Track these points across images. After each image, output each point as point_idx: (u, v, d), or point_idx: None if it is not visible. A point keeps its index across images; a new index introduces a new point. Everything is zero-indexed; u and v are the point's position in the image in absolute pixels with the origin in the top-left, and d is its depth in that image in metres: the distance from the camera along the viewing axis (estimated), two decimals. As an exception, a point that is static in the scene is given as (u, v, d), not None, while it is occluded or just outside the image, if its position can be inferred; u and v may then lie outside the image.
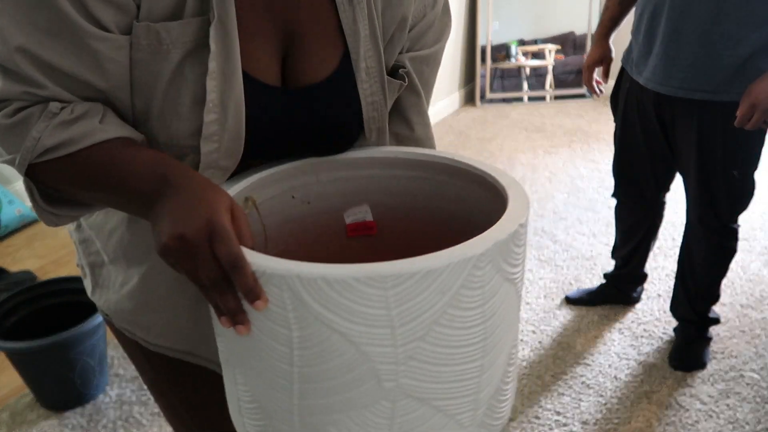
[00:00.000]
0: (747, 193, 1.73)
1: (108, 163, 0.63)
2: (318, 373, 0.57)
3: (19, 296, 1.85)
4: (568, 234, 2.72)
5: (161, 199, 0.59)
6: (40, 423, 1.80)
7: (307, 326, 0.55)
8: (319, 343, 0.56)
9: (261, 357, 0.59)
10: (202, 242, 0.54)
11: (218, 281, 0.55)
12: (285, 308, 0.55)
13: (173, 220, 0.56)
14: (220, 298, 0.56)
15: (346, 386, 0.58)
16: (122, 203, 0.66)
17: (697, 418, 1.77)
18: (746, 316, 2.17)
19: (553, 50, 4.26)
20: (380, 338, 0.55)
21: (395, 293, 0.54)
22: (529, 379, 1.93)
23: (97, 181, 0.64)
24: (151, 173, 0.62)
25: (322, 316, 0.54)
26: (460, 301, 0.57)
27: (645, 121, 1.80)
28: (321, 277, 0.53)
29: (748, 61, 1.54)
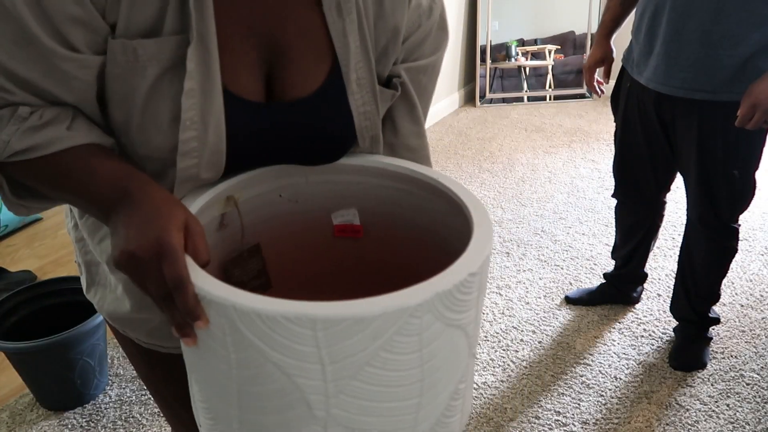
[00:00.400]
0: (747, 192, 1.73)
1: (72, 169, 0.65)
2: (254, 393, 0.59)
3: (19, 296, 1.85)
4: (568, 234, 2.72)
5: (118, 213, 0.61)
6: (40, 423, 1.80)
7: (243, 351, 0.57)
8: (254, 367, 0.58)
9: (207, 368, 0.61)
10: (151, 260, 0.56)
11: (166, 296, 0.57)
12: (224, 332, 0.57)
13: (126, 236, 0.58)
14: (168, 312, 0.58)
15: (281, 409, 0.59)
16: (84, 207, 0.68)
17: (697, 418, 1.77)
18: (746, 316, 2.17)
19: (553, 50, 4.26)
20: (311, 373, 0.57)
21: (325, 335, 0.54)
22: (529, 379, 1.93)
23: (62, 184, 0.66)
24: (111, 186, 0.63)
25: (256, 345, 0.56)
26: (394, 347, 0.57)
27: (645, 120, 1.80)
28: (254, 311, 0.54)
29: (748, 61, 1.54)
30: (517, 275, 2.44)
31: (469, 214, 0.69)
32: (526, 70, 4.32)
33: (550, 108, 4.27)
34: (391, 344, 0.57)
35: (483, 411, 1.81)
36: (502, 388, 1.90)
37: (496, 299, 2.30)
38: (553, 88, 4.35)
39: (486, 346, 2.07)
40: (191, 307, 0.56)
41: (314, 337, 0.55)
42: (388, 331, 0.56)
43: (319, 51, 0.71)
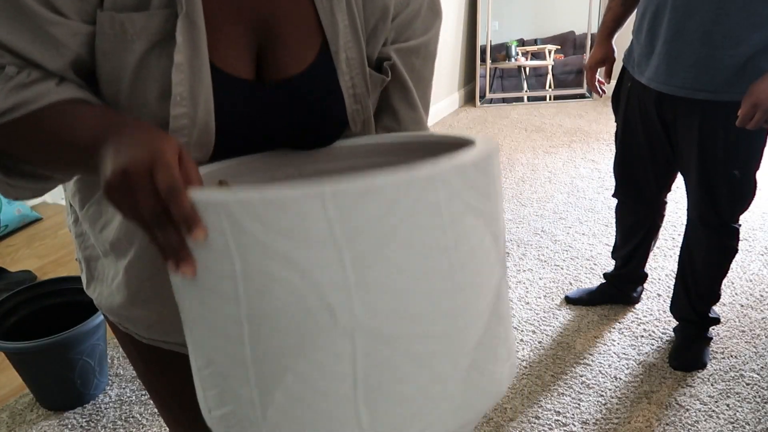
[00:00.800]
0: (748, 192, 1.73)
1: (59, 120, 0.63)
2: (266, 310, 0.52)
3: (19, 296, 1.85)
4: (568, 234, 2.72)
5: (107, 142, 0.57)
6: (40, 423, 1.80)
7: (248, 255, 0.51)
8: (262, 273, 0.51)
9: (209, 302, 0.55)
10: (143, 173, 0.52)
11: (159, 214, 0.53)
12: (225, 237, 0.52)
13: (117, 155, 0.55)
14: (162, 234, 0.53)
15: (297, 324, 0.52)
16: (74, 159, 0.64)
17: (697, 418, 1.77)
18: (746, 316, 2.17)
19: (553, 50, 4.26)
20: (325, 261, 0.50)
21: (336, 208, 0.49)
22: (529, 379, 1.93)
23: (49, 139, 0.63)
24: (99, 123, 0.61)
25: (262, 240, 0.51)
26: (414, 224, 0.51)
27: (646, 120, 1.80)
28: (258, 197, 0.50)
29: (749, 61, 1.54)
30: (517, 275, 2.44)
31: (468, 139, 0.66)
32: (526, 70, 4.32)
33: (550, 108, 4.27)
34: (411, 221, 0.51)
35: (483, 411, 1.81)
36: (502, 388, 1.90)
37: (496, 299, 2.30)
38: (553, 88, 4.35)
39: (486, 346, 2.07)
40: (188, 213, 0.52)
41: (325, 215, 0.50)
42: (402, 204, 0.51)
43: (309, 30, 0.71)
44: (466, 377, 0.57)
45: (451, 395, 0.56)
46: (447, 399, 0.56)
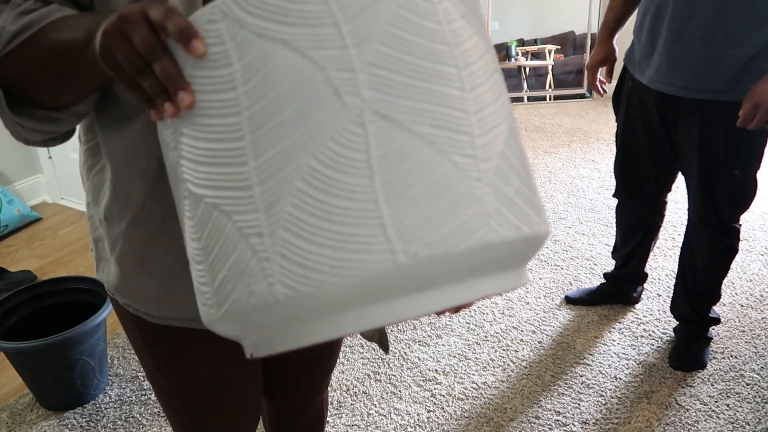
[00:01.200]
0: (749, 192, 1.73)
1: (58, 31, 0.64)
2: (269, 106, 0.50)
3: (19, 296, 1.85)
4: (568, 234, 2.72)
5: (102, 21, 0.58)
6: (40, 423, 1.80)
7: (248, 49, 0.50)
8: (263, 64, 0.49)
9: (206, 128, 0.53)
10: (138, 14, 0.53)
11: (152, 49, 0.53)
12: (223, 41, 0.51)
13: (112, 15, 0.56)
14: (159, 68, 0.53)
15: (303, 113, 0.49)
16: (74, 65, 0.64)
17: (697, 418, 1.77)
18: (746, 316, 2.17)
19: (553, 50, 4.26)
20: (326, 39, 0.48)
21: None
22: (529, 379, 1.93)
23: (52, 54, 0.64)
24: (93, 19, 0.62)
25: (260, 28, 0.49)
26: (410, 5, 0.51)
27: (647, 120, 1.80)
28: None
29: (750, 61, 1.54)
30: (517, 275, 2.44)
31: None
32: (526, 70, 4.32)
33: (550, 108, 4.27)
34: (410, 4, 0.51)
35: (483, 411, 1.81)
36: (502, 388, 1.90)
37: (496, 299, 2.30)
38: (553, 88, 4.35)
39: (486, 346, 2.07)
40: (183, 27, 0.51)
41: None
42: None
43: None
44: (495, 185, 0.52)
45: (480, 198, 0.50)
46: (476, 201, 0.50)
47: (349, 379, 1.94)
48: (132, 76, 0.54)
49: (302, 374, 1.09)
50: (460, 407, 1.83)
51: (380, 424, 1.77)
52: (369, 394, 1.88)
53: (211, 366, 0.90)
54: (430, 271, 0.49)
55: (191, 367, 0.90)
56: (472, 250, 0.50)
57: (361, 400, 1.86)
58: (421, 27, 0.51)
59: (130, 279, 0.82)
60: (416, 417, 1.79)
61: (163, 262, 0.79)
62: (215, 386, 0.93)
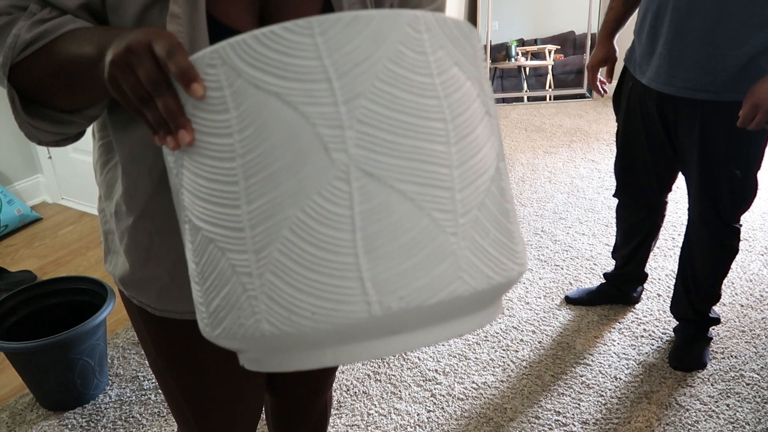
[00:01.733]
0: (749, 192, 1.73)
1: (70, 42, 0.66)
2: (262, 156, 0.52)
3: (19, 296, 1.85)
4: (568, 234, 2.72)
5: (107, 44, 0.60)
6: (40, 423, 1.80)
7: (243, 98, 0.52)
8: (257, 114, 0.52)
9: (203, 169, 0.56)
10: (144, 46, 0.55)
11: (158, 83, 0.55)
12: (221, 87, 0.53)
13: (119, 39, 0.58)
14: (161, 102, 0.55)
15: (293, 166, 0.51)
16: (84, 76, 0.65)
17: (697, 418, 1.77)
18: (746, 316, 2.17)
19: (553, 50, 4.26)
20: (318, 94, 0.51)
21: (324, 40, 0.51)
22: (529, 379, 1.93)
23: (63, 64, 0.66)
24: (104, 33, 0.64)
25: (256, 79, 0.52)
26: (401, 59, 0.53)
27: (647, 120, 1.80)
28: (250, 36, 0.52)
29: (751, 61, 1.54)
30: (517, 275, 2.44)
31: None
32: (526, 70, 4.32)
33: (550, 108, 4.27)
34: (398, 56, 0.53)
35: (483, 411, 1.81)
36: (502, 388, 1.90)
37: (496, 299, 2.30)
38: (553, 88, 4.35)
39: (486, 346, 2.07)
40: (187, 68, 0.54)
41: (315, 45, 0.51)
42: (389, 37, 0.52)
43: None
44: (471, 238, 0.55)
45: (454, 253, 0.54)
46: (450, 255, 0.54)
47: (349, 379, 1.94)
48: (136, 104, 0.57)
49: (306, 371, 1.09)
50: (460, 407, 1.83)
51: (380, 424, 1.77)
52: (369, 394, 1.88)
53: (213, 358, 0.91)
54: (403, 320, 0.53)
55: (192, 359, 0.91)
56: (444, 302, 0.53)
57: (361, 400, 1.86)
58: (411, 82, 0.53)
59: (135, 271, 0.84)
60: (416, 417, 1.79)
61: (167, 257, 0.80)
62: (217, 378, 0.94)
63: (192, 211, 0.57)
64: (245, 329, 0.54)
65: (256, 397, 1.01)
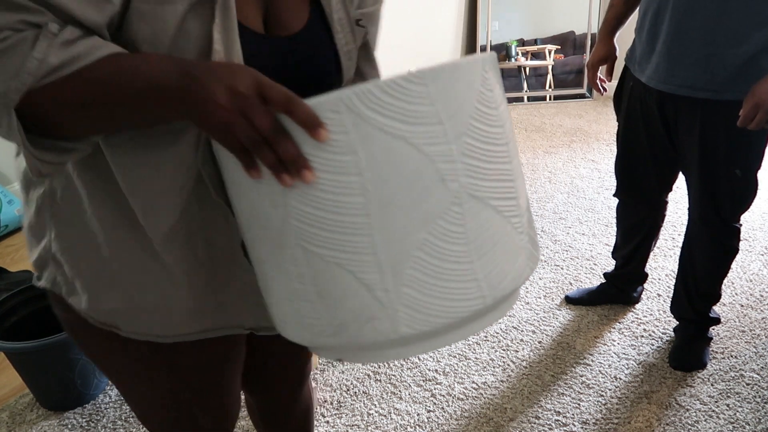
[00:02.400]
0: (749, 192, 1.73)
1: (122, 69, 0.62)
2: (392, 189, 0.61)
3: (19, 296, 1.85)
4: (568, 234, 2.72)
5: (197, 79, 0.58)
6: (40, 423, 1.80)
7: (371, 142, 0.59)
8: (385, 154, 0.60)
9: (325, 202, 0.61)
10: (253, 93, 0.57)
11: (275, 131, 0.57)
12: (347, 131, 0.59)
13: (219, 81, 0.57)
14: (281, 148, 0.57)
15: (420, 196, 0.62)
16: (143, 106, 0.62)
17: (697, 418, 1.77)
18: (746, 316, 2.17)
19: (553, 50, 4.26)
20: (435, 135, 0.61)
21: (435, 88, 0.61)
22: (529, 379, 1.93)
23: (110, 91, 0.62)
24: (174, 64, 0.61)
25: (382, 125, 0.59)
26: (483, 99, 0.65)
27: (648, 119, 1.80)
28: (374, 86, 0.59)
29: (751, 60, 1.54)
30: (517, 275, 2.44)
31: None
32: (526, 70, 4.32)
33: (550, 108, 4.28)
34: (481, 96, 0.65)
35: (483, 411, 1.81)
36: (502, 388, 1.90)
37: (496, 299, 2.30)
38: (553, 88, 4.35)
39: (486, 346, 2.07)
40: (310, 114, 0.56)
41: (428, 93, 0.61)
42: (474, 80, 0.65)
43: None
44: (528, 235, 0.72)
45: (524, 248, 0.70)
46: (522, 250, 0.70)
47: (349, 379, 1.94)
48: (249, 148, 0.58)
49: (286, 370, 1.12)
50: (460, 407, 1.83)
51: (380, 424, 1.77)
52: (369, 394, 1.88)
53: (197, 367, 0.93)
54: (500, 304, 0.70)
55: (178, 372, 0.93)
56: (518, 287, 0.70)
57: (361, 400, 1.86)
58: (490, 116, 0.66)
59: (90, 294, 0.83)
60: (416, 417, 1.79)
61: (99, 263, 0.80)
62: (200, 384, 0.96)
63: (310, 240, 0.64)
64: (379, 334, 0.65)
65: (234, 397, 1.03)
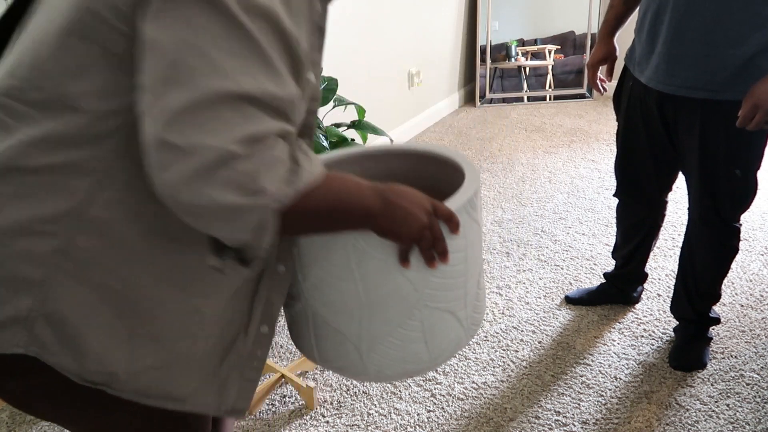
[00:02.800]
0: (749, 192, 1.73)
1: (341, 187, 0.76)
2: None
3: (19, 296, 1.84)
4: (568, 234, 2.72)
5: (398, 204, 0.81)
6: (40, 423, 1.80)
7: (469, 229, 0.93)
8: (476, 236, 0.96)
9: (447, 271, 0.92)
10: (433, 218, 0.85)
11: (437, 238, 0.85)
12: (462, 225, 0.90)
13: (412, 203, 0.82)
14: (441, 247, 0.86)
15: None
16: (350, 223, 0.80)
17: (697, 418, 1.77)
18: (746, 316, 2.17)
19: (553, 50, 4.26)
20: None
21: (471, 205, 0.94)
22: (529, 379, 1.93)
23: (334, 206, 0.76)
24: (373, 193, 0.79)
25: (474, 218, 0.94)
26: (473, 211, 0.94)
27: (648, 120, 1.80)
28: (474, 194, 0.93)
29: (750, 60, 1.54)
30: (517, 275, 2.44)
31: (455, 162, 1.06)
32: (526, 70, 4.32)
33: (550, 108, 4.28)
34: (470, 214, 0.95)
35: (483, 411, 1.81)
36: (502, 388, 1.90)
37: (496, 299, 2.30)
38: (553, 88, 4.35)
39: (486, 346, 2.07)
40: (457, 221, 0.87)
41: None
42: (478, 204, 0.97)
43: None
44: (470, 316, 1.00)
45: (466, 332, 1.00)
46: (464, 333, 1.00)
47: (350, 378, 1.93)
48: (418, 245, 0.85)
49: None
50: (460, 407, 1.83)
51: (380, 424, 1.77)
52: (369, 394, 1.88)
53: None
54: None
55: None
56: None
57: (361, 400, 1.86)
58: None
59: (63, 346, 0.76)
60: (416, 417, 1.79)
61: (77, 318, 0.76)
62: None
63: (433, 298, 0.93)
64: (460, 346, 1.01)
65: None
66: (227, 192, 0.63)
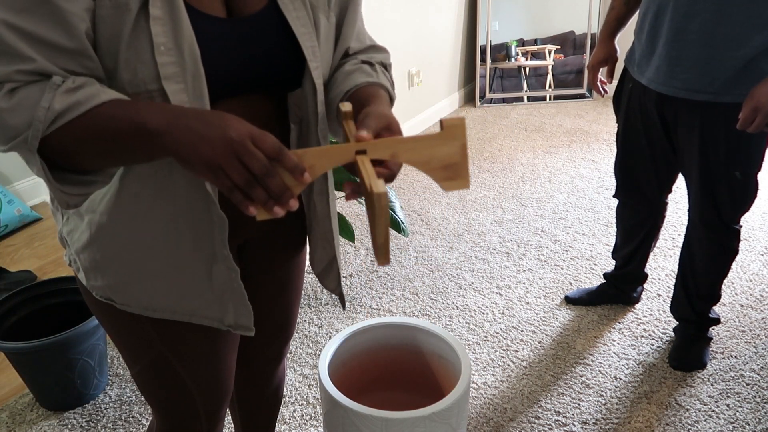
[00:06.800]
0: (749, 193, 1.73)
1: (119, 114, 0.70)
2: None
3: (19, 296, 1.85)
4: (568, 234, 2.72)
5: (187, 125, 0.68)
6: (40, 423, 1.80)
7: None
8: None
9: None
10: (247, 141, 0.66)
11: (266, 169, 0.67)
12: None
13: (212, 127, 0.67)
14: (271, 183, 0.67)
15: None
16: (139, 147, 0.70)
17: (697, 418, 1.77)
18: (746, 316, 2.17)
19: (553, 50, 4.26)
20: None
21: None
22: (529, 379, 1.93)
23: (111, 134, 0.70)
24: (164, 110, 0.69)
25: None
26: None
27: (647, 121, 1.80)
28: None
29: (751, 62, 1.54)
30: (517, 275, 2.44)
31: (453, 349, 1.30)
32: (526, 70, 4.32)
33: (550, 108, 4.28)
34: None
35: (483, 411, 1.81)
36: (502, 388, 1.90)
37: (496, 299, 2.30)
38: (552, 88, 4.35)
39: (486, 346, 2.07)
40: (295, 164, 0.68)
41: None
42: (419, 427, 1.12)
43: None
44: None
45: None
46: None
47: (349, 379, 1.93)
48: (233, 186, 0.67)
49: (268, 346, 1.21)
50: (460, 407, 1.83)
51: (380, 424, 1.77)
52: (369, 394, 1.88)
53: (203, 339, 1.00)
54: None
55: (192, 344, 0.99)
56: None
57: (361, 400, 1.86)
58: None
59: (100, 273, 0.90)
60: (416, 417, 1.79)
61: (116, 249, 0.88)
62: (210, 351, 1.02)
63: None
64: None
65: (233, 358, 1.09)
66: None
